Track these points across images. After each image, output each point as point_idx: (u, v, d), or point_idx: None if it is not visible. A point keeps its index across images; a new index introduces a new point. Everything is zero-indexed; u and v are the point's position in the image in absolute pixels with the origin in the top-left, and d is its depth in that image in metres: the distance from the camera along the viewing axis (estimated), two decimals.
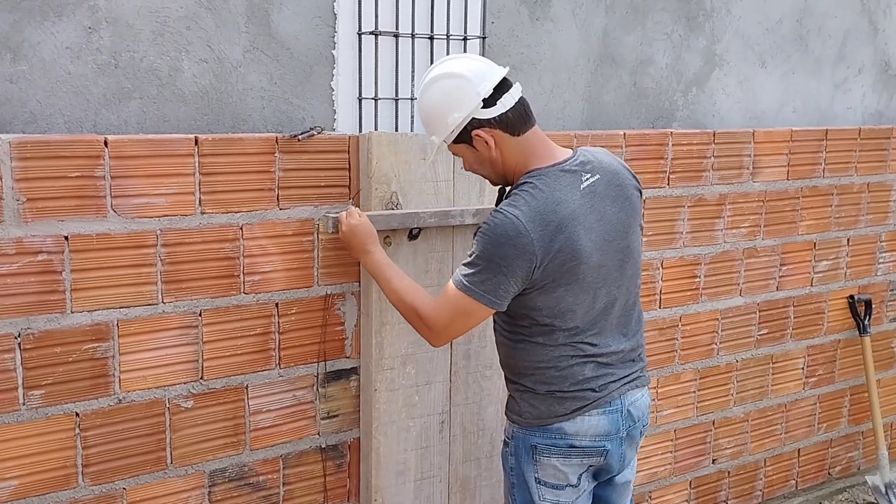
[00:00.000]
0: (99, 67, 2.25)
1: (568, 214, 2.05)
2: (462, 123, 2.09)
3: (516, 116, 2.10)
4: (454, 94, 2.07)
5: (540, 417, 2.18)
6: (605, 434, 2.19)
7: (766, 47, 3.58)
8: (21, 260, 2.08)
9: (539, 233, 2.01)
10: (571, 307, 2.11)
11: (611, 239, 2.14)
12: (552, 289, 2.08)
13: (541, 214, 2.02)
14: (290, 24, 2.49)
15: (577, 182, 2.10)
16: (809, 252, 3.68)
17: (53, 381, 2.17)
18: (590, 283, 2.11)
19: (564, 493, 2.20)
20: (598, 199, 2.12)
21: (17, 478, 2.15)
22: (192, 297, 2.32)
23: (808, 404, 3.84)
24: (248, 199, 2.37)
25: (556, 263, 2.04)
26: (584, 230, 2.07)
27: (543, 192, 2.05)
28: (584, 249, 2.07)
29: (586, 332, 2.15)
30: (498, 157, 2.13)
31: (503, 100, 2.08)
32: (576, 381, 2.16)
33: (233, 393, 2.43)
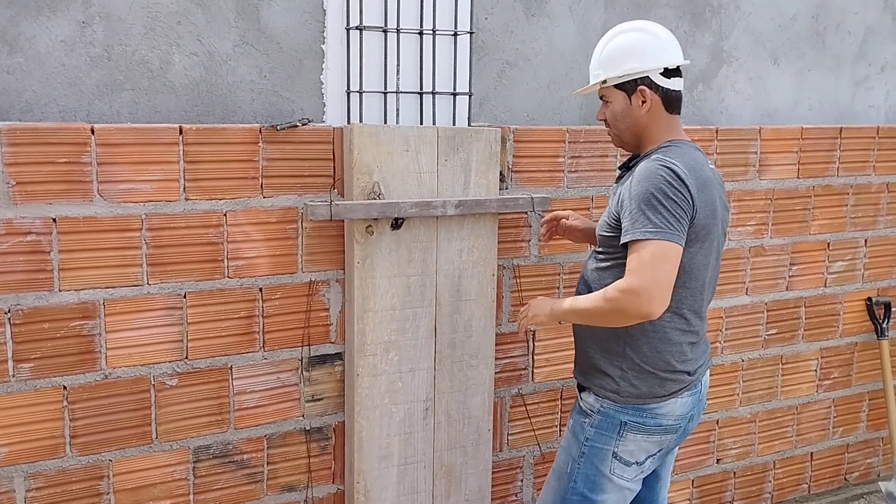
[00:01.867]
0: (92, 60, 2.37)
1: (707, 178, 2.22)
2: (638, 75, 2.26)
3: (676, 98, 2.31)
4: (646, 48, 2.27)
5: (639, 397, 2.28)
6: (686, 414, 2.33)
7: (779, 44, 3.54)
8: (11, 240, 2.21)
9: (693, 181, 2.16)
10: (699, 266, 2.23)
11: (722, 218, 2.30)
12: (692, 242, 2.19)
13: (692, 168, 2.18)
14: (280, 19, 2.58)
15: (706, 161, 2.30)
16: (822, 252, 3.62)
17: (42, 355, 2.29)
18: (710, 248, 2.25)
19: (630, 469, 2.32)
20: (716, 180, 2.29)
21: (6, 445, 2.28)
22: (177, 279, 2.43)
23: (821, 407, 3.77)
24: (231, 186, 2.46)
25: (702, 216, 2.18)
26: (717, 195, 2.25)
27: (689, 155, 2.23)
28: (717, 211, 2.24)
29: (692, 301, 2.25)
30: (644, 120, 2.30)
31: (676, 80, 2.30)
32: (682, 360, 2.28)
33: (217, 373, 2.53)
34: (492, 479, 2.96)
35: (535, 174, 2.92)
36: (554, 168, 2.94)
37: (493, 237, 2.79)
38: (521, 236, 2.93)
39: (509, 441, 3.05)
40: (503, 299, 2.93)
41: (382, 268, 2.63)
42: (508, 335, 2.96)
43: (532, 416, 3.06)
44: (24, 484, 2.32)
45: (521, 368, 3.01)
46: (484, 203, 2.70)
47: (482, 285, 2.79)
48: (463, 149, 2.69)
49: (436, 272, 2.71)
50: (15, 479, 2.31)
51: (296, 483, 2.70)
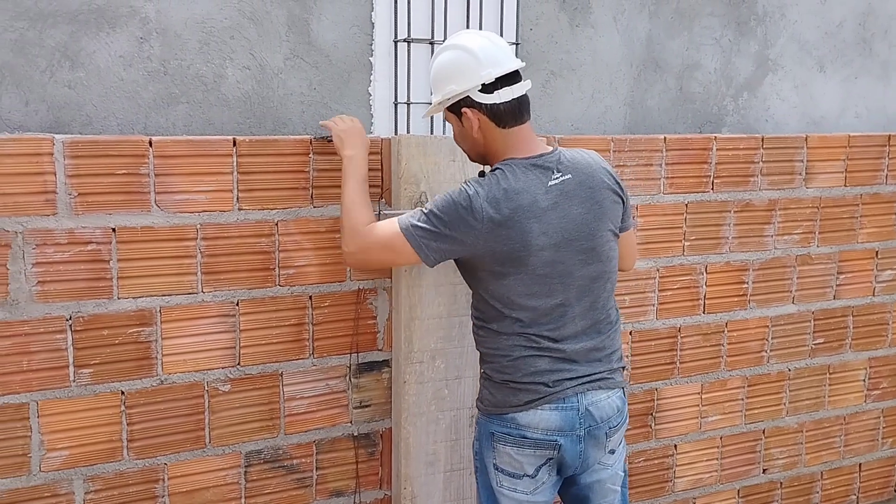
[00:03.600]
0: (149, 74, 2.45)
1: (525, 205, 2.12)
2: (457, 97, 2.18)
3: (507, 111, 2.17)
4: (460, 68, 2.17)
5: (497, 405, 2.25)
6: (557, 429, 2.20)
7: (826, 51, 3.52)
8: (72, 249, 2.29)
9: (490, 213, 2.09)
10: (522, 297, 2.17)
11: (572, 238, 2.18)
12: (502, 275, 2.15)
13: (497, 199, 2.11)
14: (329, 32, 2.64)
15: (546, 178, 2.17)
16: (871, 261, 3.58)
17: (101, 361, 2.37)
18: (542, 277, 2.16)
19: (521, 482, 2.24)
20: (563, 198, 2.17)
21: (67, 448, 2.36)
22: (230, 287, 2.49)
23: (870, 418, 3.73)
24: (283, 196, 2.52)
25: (504, 249, 2.12)
26: (538, 223, 2.13)
27: (507, 180, 2.13)
28: (534, 242, 2.13)
29: (541, 326, 2.19)
30: (480, 139, 2.22)
31: (501, 92, 2.16)
32: (528, 372, 2.20)
33: (268, 379, 2.58)
34: None
35: None
36: None
37: None
38: None
39: None
40: None
41: (429, 276, 2.66)
42: None
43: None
44: (83, 487, 2.39)
45: None
46: None
47: None
48: None
49: None
50: (74, 482, 2.38)
51: (344, 488, 2.74)
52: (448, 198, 2.14)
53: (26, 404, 2.29)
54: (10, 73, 2.29)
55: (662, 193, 3.08)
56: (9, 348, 2.26)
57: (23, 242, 2.23)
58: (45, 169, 2.23)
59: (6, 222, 2.22)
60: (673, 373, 3.23)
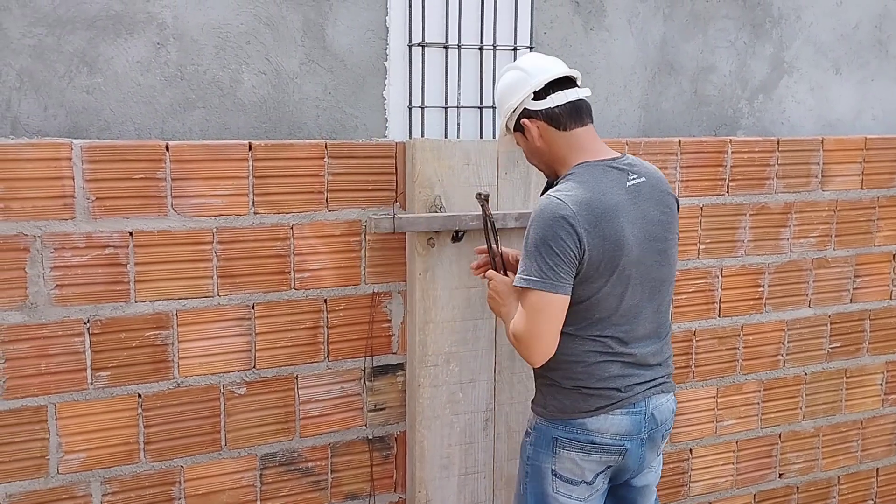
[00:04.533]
0: (166, 79, 2.46)
1: (612, 205, 2.14)
2: (516, 111, 2.25)
3: (563, 112, 2.21)
4: (512, 85, 2.26)
5: (564, 411, 2.24)
6: (626, 434, 2.23)
7: (841, 53, 3.50)
8: (90, 253, 2.31)
9: (584, 216, 2.09)
10: (606, 297, 2.17)
11: (651, 238, 2.21)
12: (593, 279, 2.14)
13: (586, 201, 2.11)
14: (344, 37, 2.65)
15: (623, 179, 2.20)
16: (888, 264, 3.56)
17: (118, 363, 2.38)
18: (626, 277, 2.17)
19: (578, 489, 2.24)
20: (641, 199, 2.21)
21: (84, 451, 2.38)
22: (246, 291, 2.50)
23: (887, 422, 3.70)
24: (298, 200, 2.53)
25: (599, 252, 2.12)
26: (627, 223, 2.15)
27: (589, 182, 2.15)
28: (627, 240, 2.15)
29: (616, 328, 2.20)
30: (543, 147, 2.25)
31: (553, 96, 2.21)
32: (602, 378, 2.21)
33: (283, 382, 2.60)
34: None
35: None
36: None
37: None
38: None
39: None
40: None
41: (443, 280, 2.67)
42: None
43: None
44: (100, 489, 2.41)
45: None
46: None
47: None
48: (523, 162, 2.71)
49: None
50: (92, 484, 2.40)
51: (358, 491, 2.75)
52: (539, 219, 2.11)
53: (44, 407, 2.31)
54: (29, 78, 2.32)
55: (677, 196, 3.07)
56: (27, 351, 2.28)
57: (41, 246, 2.26)
58: (63, 173, 2.26)
59: (25, 226, 2.24)
60: (688, 376, 3.22)
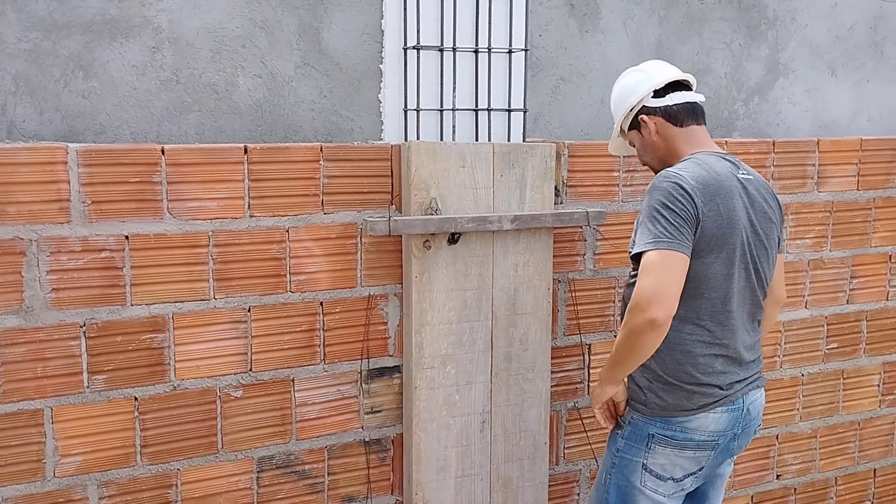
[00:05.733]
0: (162, 83, 2.47)
1: (727, 186, 2.21)
2: (635, 108, 2.36)
3: (681, 110, 2.33)
4: (632, 86, 2.39)
5: (666, 409, 2.25)
6: (724, 431, 2.28)
7: (837, 55, 3.51)
8: (86, 256, 2.32)
9: (701, 190, 2.16)
10: (717, 276, 2.19)
11: (758, 230, 2.26)
12: (706, 252, 2.17)
13: (702, 177, 2.18)
14: (340, 40, 2.66)
15: (735, 171, 2.28)
16: (884, 265, 3.56)
17: (114, 367, 2.39)
18: (733, 259, 2.20)
19: (665, 485, 2.28)
20: (751, 191, 2.28)
21: (81, 454, 2.38)
22: (242, 294, 2.51)
23: (885, 423, 3.70)
24: (294, 203, 2.54)
25: (714, 225, 2.16)
26: (739, 203, 2.22)
27: (705, 164, 2.23)
28: (739, 218, 2.20)
29: (719, 314, 2.22)
30: (659, 142, 2.35)
31: (672, 95, 2.34)
32: (707, 373, 2.23)
33: (280, 385, 2.60)
34: (548, 492, 2.97)
35: (590, 188, 2.94)
36: (608, 182, 2.97)
37: (549, 251, 2.82)
38: (576, 250, 2.95)
39: (566, 455, 3.07)
40: (559, 313, 2.95)
41: (439, 282, 2.67)
42: (564, 349, 2.98)
43: (588, 429, 3.07)
44: (97, 492, 2.41)
45: (576, 382, 3.03)
46: (539, 218, 2.73)
47: (538, 299, 2.82)
48: (518, 164, 2.73)
49: (492, 286, 2.75)
50: (88, 487, 2.40)
51: (355, 494, 2.75)
52: (658, 188, 2.16)
53: (41, 410, 2.32)
54: (24, 82, 2.32)
55: None
56: (23, 355, 2.28)
57: (37, 250, 2.26)
58: (59, 177, 2.26)
59: (21, 230, 2.24)
60: None
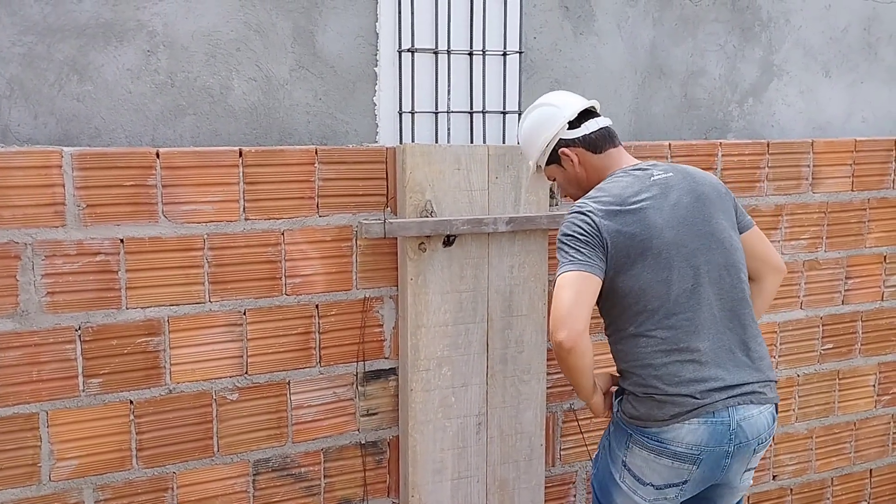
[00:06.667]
0: (156, 87, 2.47)
1: (632, 195, 2.21)
2: (552, 143, 2.35)
3: (598, 137, 2.34)
4: (546, 119, 2.37)
5: (639, 419, 2.20)
6: (703, 444, 2.16)
7: (831, 56, 3.52)
8: (81, 260, 2.32)
9: (603, 211, 2.19)
10: (651, 284, 2.18)
11: (687, 221, 2.23)
12: (629, 266, 2.18)
13: (605, 199, 2.22)
14: (334, 43, 2.66)
15: (647, 176, 2.27)
16: (879, 265, 3.57)
17: (110, 370, 2.39)
18: (668, 260, 2.18)
19: (644, 489, 2.23)
20: (669, 189, 2.25)
21: (77, 458, 2.38)
22: (237, 297, 2.51)
23: (880, 423, 3.71)
24: (289, 206, 2.54)
25: (626, 238, 2.17)
26: (651, 209, 2.20)
27: (609, 185, 2.27)
28: (654, 223, 2.19)
29: (676, 317, 2.17)
30: (582, 173, 2.36)
31: (587, 124, 2.35)
32: (673, 382, 2.16)
33: (276, 388, 2.60)
34: (545, 494, 2.98)
35: None
36: None
37: (544, 253, 2.82)
38: None
39: (562, 456, 3.07)
40: None
41: (435, 284, 2.68)
42: None
43: (584, 431, 3.07)
44: (92, 496, 2.41)
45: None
46: (534, 219, 2.74)
47: (533, 301, 2.83)
48: (513, 166, 2.73)
49: (487, 288, 2.75)
50: (84, 491, 2.40)
51: (352, 496, 2.75)
52: (565, 223, 2.23)
53: (36, 414, 2.32)
54: (19, 86, 2.32)
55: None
56: (19, 359, 2.28)
57: (32, 254, 2.26)
58: (53, 181, 2.26)
59: (16, 234, 2.24)
60: None
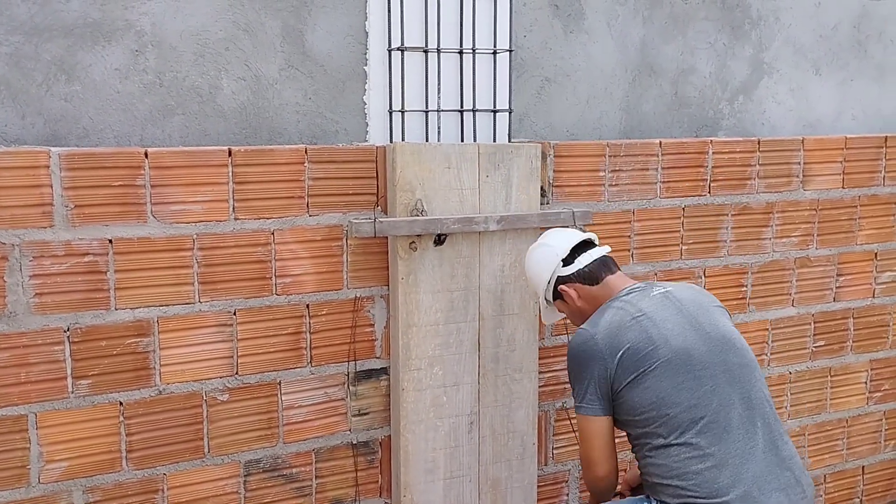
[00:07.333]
0: (145, 86, 2.46)
1: (633, 312, 2.29)
2: (552, 281, 2.47)
3: (593, 269, 2.45)
4: (541, 259, 2.51)
5: None
6: None
7: (821, 54, 3.53)
8: (69, 261, 2.30)
9: (604, 334, 2.28)
10: (669, 393, 2.20)
11: (694, 327, 2.28)
12: (640, 379, 2.22)
13: (606, 322, 2.30)
14: (324, 42, 2.66)
15: (647, 293, 2.36)
16: (870, 262, 3.58)
17: (99, 372, 2.37)
18: (679, 366, 2.21)
19: None
20: (671, 300, 2.34)
21: (66, 460, 2.36)
22: (227, 297, 2.50)
23: (872, 420, 3.72)
24: (279, 206, 2.53)
25: (630, 353, 2.24)
26: (652, 322, 2.27)
27: (608, 309, 2.35)
28: (657, 335, 2.25)
29: (702, 422, 2.18)
30: (584, 305, 2.45)
31: (580, 258, 2.46)
32: (711, 491, 2.15)
33: (266, 388, 2.59)
34: (537, 493, 2.97)
35: (576, 188, 2.94)
36: (594, 182, 2.97)
37: None
38: None
39: (554, 455, 3.06)
40: None
41: (426, 283, 2.67)
42: (551, 349, 2.98)
43: (576, 430, 3.06)
44: (82, 498, 2.39)
45: (564, 382, 3.02)
46: (525, 218, 2.73)
47: (525, 299, 2.82)
48: (504, 165, 2.73)
49: (479, 287, 2.75)
50: (74, 493, 2.38)
51: (343, 497, 2.74)
52: (569, 354, 2.36)
53: (25, 416, 2.30)
54: (6, 86, 2.31)
55: (659, 198, 3.09)
56: (7, 360, 2.27)
57: (20, 255, 2.25)
58: (41, 181, 2.25)
59: (3, 235, 2.23)
60: None
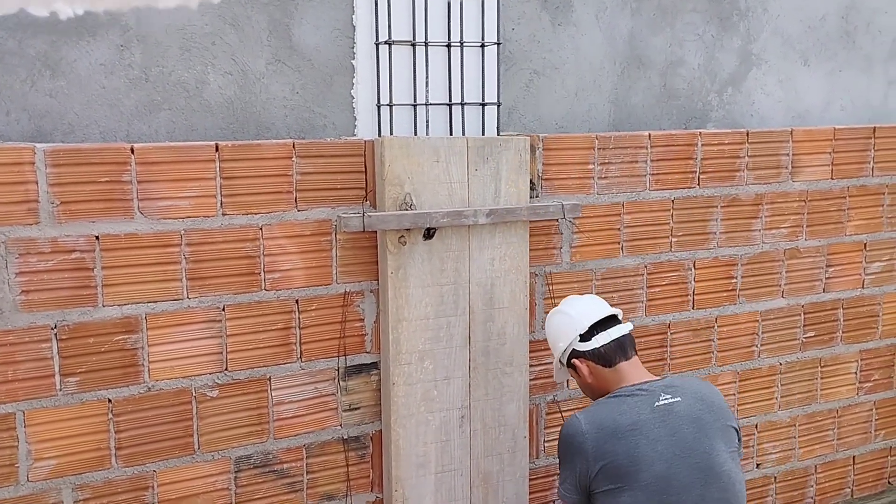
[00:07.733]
0: (131, 82, 2.45)
1: (629, 423, 2.26)
2: (566, 352, 2.48)
3: (608, 351, 2.42)
4: (561, 328, 2.52)
5: None
6: None
7: (809, 45, 3.53)
8: (56, 258, 2.29)
9: (594, 434, 2.26)
10: None
11: (684, 454, 2.24)
12: (616, 494, 2.22)
13: (600, 420, 2.28)
14: (311, 36, 2.64)
15: (652, 400, 2.31)
16: (859, 253, 3.59)
17: (87, 369, 2.36)
18: (657, 493, 2.20)
19: None
20: (672, 417, 2.28)
21: (55, 458, 2.35)
22: (216, 293, 2.49)
23: (863, 410, 3.73)
24: (267, 201, 2.52)
25: (613, 466, 2.22)
26: (645, 440, 2.23)
27: (610, 404, 2.33)
28: (643, 456, 2.22)
29: None
30: (594, 382, 2.45)
31: (598, 337, 2.44)
32: None
33: (256, 384, 2.58)
34: (529, 486, 2.97)
35: (565, 181, 2.94)
36: (583, 175, 2.97)
37: (525, 245, 2.81)
38: (553, 243, 2.95)
39: (546, 448, 3.06)
40: (536, 306, 2.95)
41: (415, 277, 2.66)
42: (542, 342, 2.97)
43: None
44: (71, 495, 2.38)
45: None
46: (515, 211, 2.73)
47: (515, 293, 2.82)
48: (493, 158, 2.72)
49: (468, 281, 2.74)
50: (63, 491, 2.37)
51: (335, 492, 2.74)
52: (559, 439, 2.35)
53: (12, 414, 2.29)
54: None
55: (648, 190, 3.09)
56: None
57: (6, 252, 2.23)
58: (26, 178, 2.23)
59: None
60: (664, 369, 3.23)
